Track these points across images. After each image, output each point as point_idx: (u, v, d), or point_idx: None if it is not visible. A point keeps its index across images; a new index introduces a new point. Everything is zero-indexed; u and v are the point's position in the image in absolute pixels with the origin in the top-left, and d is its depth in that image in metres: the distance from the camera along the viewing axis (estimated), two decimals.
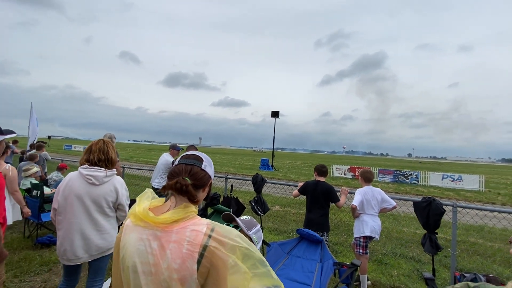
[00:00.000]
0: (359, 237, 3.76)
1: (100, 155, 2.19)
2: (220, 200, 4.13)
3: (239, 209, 4.14)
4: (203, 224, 0.94)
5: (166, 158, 5.16)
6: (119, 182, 2.27)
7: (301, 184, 3.98)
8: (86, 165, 2.16)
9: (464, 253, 5.06)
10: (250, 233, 1.61)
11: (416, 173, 19.06)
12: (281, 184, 4.84)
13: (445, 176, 18.03)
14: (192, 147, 4.87)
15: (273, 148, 25.96)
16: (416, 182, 18.41)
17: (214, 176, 1.16)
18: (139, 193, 1.06)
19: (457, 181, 17.45)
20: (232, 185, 4.61)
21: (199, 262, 0.87)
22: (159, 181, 4.94)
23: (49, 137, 61.81)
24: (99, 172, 2.15)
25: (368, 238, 3.75)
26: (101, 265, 2.27)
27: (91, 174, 2.13)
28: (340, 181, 16.74)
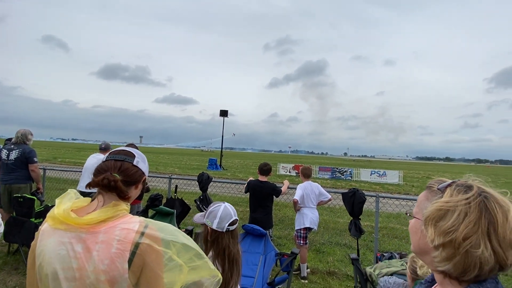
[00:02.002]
0: (300, 229, 4.05)
1: None
2: (164, 202, 3.96)
3: (184, 210, 4.03)
4: (135, 222, 0.90)
5: (99, 157, 4.61)
6: None
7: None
8: None
9: (385, 237, 5.90)
10: (216, 222, 1.59)
11: (350, 170, 21.34)
12: (228, 182, 4.87)
13: (373, 172, 20.68)
14: (131, 145, 4.53)
15: (222, 148, 25.80)
16: (350, 178, 20.57)
17: (157, 177, 1.12)
18: None
19: (382, 176, 20.19)
20: (176, 186, 4.46)
21: (130, 261, 0.84)
22: None
23: None
24: None
25: (308, 229, 4.08)
26: None
27: None
28: (285, 178, 17.65)
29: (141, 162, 1.04)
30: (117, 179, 0.93)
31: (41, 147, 45.02)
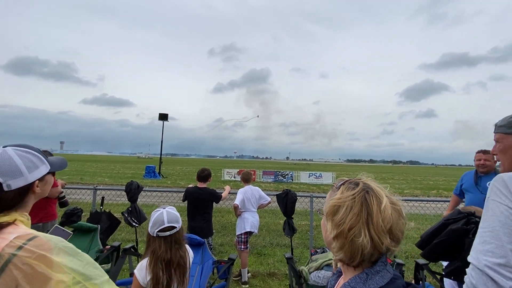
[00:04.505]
0: (241, 234, 4.04)
1: None
2: (87, 217, 3.46)
3: (112, 224, 3.59)
4: (16, 233, 0.77)
5: None
6: None
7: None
8: None
9: (320, 234, 6.35)
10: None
11: (291, 173, 22.60)
12: (162, 191, 4.57)
13: (311, 175, 22.37)
14: (46, 152, 3.85)
15: (161, 154, 24.21)
16: (291, 180, 21.77)
17: (81, 189, 0.95)
18: None
19: (319, 178, 22.00)
20: (103, 198, 3.96)
21: None
22: None
23: None
24: None
25: (249, 233, 4.09)
26: None
27: None
28: (230, 184, 17.59)
29: (12, 178, 0.84)
30: None
31: None
